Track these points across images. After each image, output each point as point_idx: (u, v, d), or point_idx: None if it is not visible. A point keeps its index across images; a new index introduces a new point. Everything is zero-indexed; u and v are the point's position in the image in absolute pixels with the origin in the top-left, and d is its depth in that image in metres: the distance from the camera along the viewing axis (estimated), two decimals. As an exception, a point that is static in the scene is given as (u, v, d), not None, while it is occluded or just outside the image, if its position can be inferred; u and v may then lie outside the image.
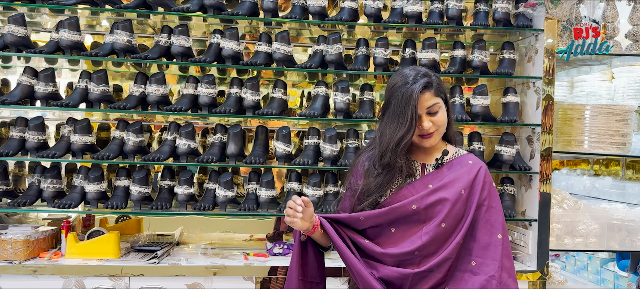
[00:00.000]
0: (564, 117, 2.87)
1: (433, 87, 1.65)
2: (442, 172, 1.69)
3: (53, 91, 2.43)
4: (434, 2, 2.58)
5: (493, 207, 1.64)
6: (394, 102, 1.65)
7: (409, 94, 1.61)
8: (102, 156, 2.37)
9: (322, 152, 2.48)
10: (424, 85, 1.62)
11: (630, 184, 3.86)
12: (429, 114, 1.65)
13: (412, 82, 1.63)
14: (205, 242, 2.80)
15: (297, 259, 1.75)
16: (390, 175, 1.68)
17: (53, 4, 2.43)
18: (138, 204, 2.43)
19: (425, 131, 1.65)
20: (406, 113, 1.61)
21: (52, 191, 2.42)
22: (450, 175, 1.67)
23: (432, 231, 1.60)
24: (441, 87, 1.68)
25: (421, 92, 1.62)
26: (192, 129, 2.45)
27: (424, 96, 1.63)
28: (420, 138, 1.67)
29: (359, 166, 1.77)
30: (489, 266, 1.58)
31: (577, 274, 4.79)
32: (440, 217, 1.60)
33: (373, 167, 1.71)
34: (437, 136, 1.68)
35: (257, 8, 2.52)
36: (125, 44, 2.40)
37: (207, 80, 2.44)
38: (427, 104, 1.64)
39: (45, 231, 2.51)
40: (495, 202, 1.65)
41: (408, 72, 1.67)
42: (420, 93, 1.61)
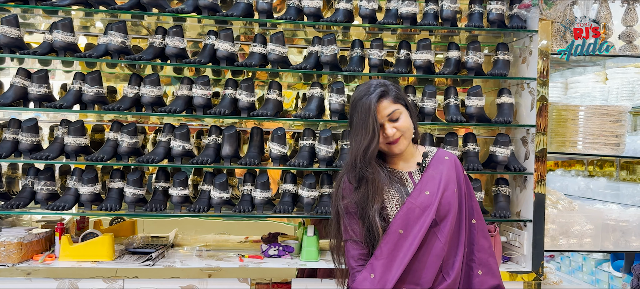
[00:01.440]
0: (558, 118, 2.88)
1: (390, 95, 1.73)
2: (429, 174, 1.75)
3: (46, 92, 2.41)
4: (429, 4, 2.58)
5: (471, 195, 1.78)
6: (356, 116, 1.72)
7: (368, 105, 1.69)
8: (96, 158, 2.36)
9: (318, 153, 2.48)
10: (380, 94, 1.71)
11: (624, 184, 3.88)
12: (390, 121, 1.72)
13: (369, 93, 1.71)
14: (200, 244, 2.79)
15: None
16: (371, 184, 1.71)
17: (47, 5, 2.42)
18: (132, 206, 2.42)
19: (390, 137, 1.71)
20: (368, 123, 1.68)
21: (45, 193, 2.41)
22: (437, 175, 1.74)
23: (447, 233, 1.67)
24: (400, 94, 1.76)
25: (378, 101, 1.70)
26: (187, 130, 2.44)
27: (382, 104, 1.71)
28: (388, 146, 1.74)
29: (345, 188, 1.78)
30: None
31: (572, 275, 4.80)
32: (450, 218, 1.68)
33: (349, 183, 1.77)
34: (405, 141, 1.73)
35: (252, 9, 2.52)
36: (119, 45, 2.39)
37: (202, 81, 2.43)
38: (386, 111, 1.71)
39: (38, 233, 2.49)
40: (470, 188, 1.79)
41: (365, 86, 1.76)
42: (377, 102, 1.69)
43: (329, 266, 2.40)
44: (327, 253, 2.65)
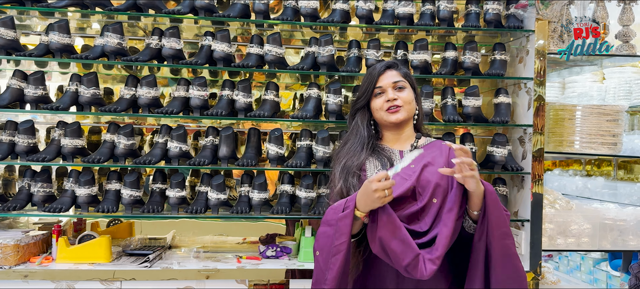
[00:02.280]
0: (555, 118, 2.88)
1: (398, 69, 1.85)
2: (423, 155, 1.77)
3: (43, 94, 2.41)
4: (426, 4, 2.58)
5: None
6: (362, 83, 1.88)
7: (372, 71, 1.85)
8: (93, 160, 2.35)
9: (315, 154, 2.48)
10: (387, 65, 1.85)
11: (622, 184, 3.88)
12: (394, 89, 1.80)
13: (378, 64, 1.86)
14: (197, 245, 2.78)
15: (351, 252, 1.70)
16: (359, 142, 1.81)
17: (43, 7, 2.41)
18: (129, 208, 2.41)
19: (390, 102, 1.77)
20: (365, 83, 1.85)
21: (42, 195, 2.40)
22: (427, 155, 1.77)
23: (426, 206, 1.69)
24: (409, 75, 1.87)
25: (384, 70, 1.82)
26: (184, 131, 2.43)
27: (388, 73, 1.83)
28: (387, 114, 1.79)
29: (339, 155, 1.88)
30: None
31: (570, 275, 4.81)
32: (428, 192, 1.70)
33: (342, 145, 1.88)
34: (404, 113, 1.79)
35: (248, 10, 2.51)
36: (116, 46, 2.39)
37: (199, 82, 2.43)
38: (391, 79, 1.81)
39: (35, 235, 2.49)
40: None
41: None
42: (382, 71, 1.82)
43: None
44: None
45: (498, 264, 1.63)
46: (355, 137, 1.84)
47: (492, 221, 1.63)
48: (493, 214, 1.62)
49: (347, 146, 1.84)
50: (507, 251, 1.64)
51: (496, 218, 1.63)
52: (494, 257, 1.63)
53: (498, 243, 1.63)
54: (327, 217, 1.68)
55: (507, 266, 1.64)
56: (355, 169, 1.75)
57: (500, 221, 1.63)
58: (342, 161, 1.80)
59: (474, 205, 1.65)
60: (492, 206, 1.63)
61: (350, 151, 1.81)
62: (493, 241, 1.63)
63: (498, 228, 1.63)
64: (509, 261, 1.64)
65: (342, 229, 1.61)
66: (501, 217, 1.64)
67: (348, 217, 1.61)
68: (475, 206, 1.65)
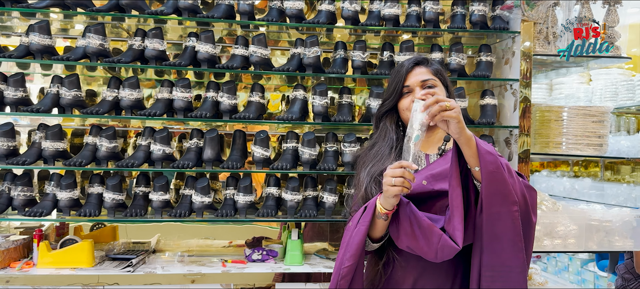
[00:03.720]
0: (541, 119, 2.89)
1: (428, 64, 1.70)
2: (447, 159, 1.60)
3: (23, 96, 2.36)
4: (411, 5, 2.57)
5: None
6: (389, 82, 1.72)
7: (400, 68, 1.69)
8: (75, 163, 2.31)
9: (301, 156, 2.45)
10: (416, 61, 1.69)
11: (609, 185, 3.90)
12: (424, 88, 1.65)
13: (407, 60, 1.71)
14: (183, 249, 2.75)
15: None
16: (387, 145, 1.69)
17: (23, 7, 2.37)
18: (112, 212, 2.38)
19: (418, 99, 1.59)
20: (393, 82, 1.69)
21: (22, 199, 2.36)
22: (449, 150, 1.61)
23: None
24: (441, 71, 1.71)
25: (413, 67, 1.68)
26: (167, 134, 2.40)
27: (417, 70, 1.68)
28: None
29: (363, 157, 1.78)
30: None
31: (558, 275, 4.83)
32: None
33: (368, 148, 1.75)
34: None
35: (233, 11, 2.49)
36: (98, 47, 2.35)
37: (182, 84, 2.40)
38: (420, 77, 1.67)
39: (16, 240, 2.44)
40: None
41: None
42: (411, 67, 1.67)
43: (313, 270, 2.38)
44: (311, 256, 2.62)
45: (485, 253, 1.47)
46: (383, 141, 1.72)
47: (485, 196, 1.43)
48: (487, 189, 1.42)
49: (374, 150, 1.72)
50: (495, 236, 1.44)
51: (490, 194, 1.42)
52: (484, 240, 1.46)
53: (489, 226, 1.45)
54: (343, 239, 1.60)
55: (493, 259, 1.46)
56: (378, 175, 1.63)
57: (495, 198, 1.42)
58: (368, 165, 1.68)
59: (470, 160, 1.45)
60: (486, 180, 1.41)
61: (377, 154, 1.69)
62: (485, 219, 1.45)
63: (491, 205, 1.42)
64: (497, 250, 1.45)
65: (364, 219, 1.53)
66: (499, 194, 1.42)
67: (369, 210, 1.52)
68: (473, 161, 1.44)
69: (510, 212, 1.44)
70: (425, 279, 1.59)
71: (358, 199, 1.65)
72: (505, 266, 1.46)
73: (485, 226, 1.46)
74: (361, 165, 1.72)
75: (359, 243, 1.52)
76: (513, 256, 1.46)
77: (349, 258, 1.52)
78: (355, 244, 1.52)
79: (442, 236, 1.44)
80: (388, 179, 1.43)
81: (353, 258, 1.52)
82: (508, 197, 1.44)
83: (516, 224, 1.45)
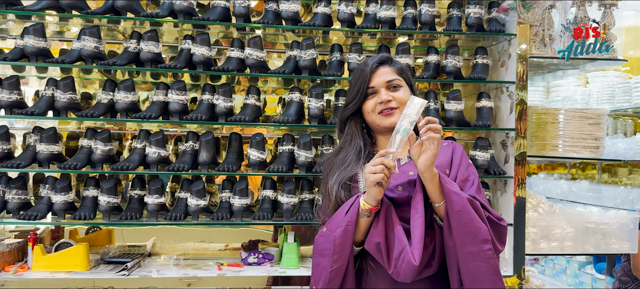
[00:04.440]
0: (538, 122, 2.89)
1: (392, 64, 1.65)
2: None
3: (18, 98, 2.35)
4: (407, 8, 2.57)
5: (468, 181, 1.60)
6: (352, 80, 1.67)
7: (363, 68, 1.64)
8: (69, 166, 2.30)
9: (297, 159, 2.45)
10: (380, 60, 1.64)
11: (606, 187, 3.91)
12: (389, 88, 1.61)
13: (370, 59, 1.66)
14: (178, 252, 2.74)
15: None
16: (353, 151, 1.64)
17: (18, 10, 2.36)
18: (107, 215, 2.36)
19: (384, 104, 1.58)
20: (357, 84, 1.63)
21: (17, 202, 2.34)
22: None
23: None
24: (404, 70, 1.67)
25: (377, 66, 1.63)
26: (162, 137, 2.39)
27: (381, 69, 1.63)
28: (381, 117, 1.60)
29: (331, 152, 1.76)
30: None
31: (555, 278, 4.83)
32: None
33: (334, 154, 1.70)
34: (400, 115, 1.55)
35: (229, 13, 2.49)
36: (93, 50, 2.34)
37: (178, 86, 2.39)
38: (385, 77, 1.62)
39: (10, 243, 2.43)
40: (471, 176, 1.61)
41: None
42: (375, 67, 1.62)
43: (309, 274, 2.37)
44: (307, 259, 2.61)
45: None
46: (349, 146, 1.66)
47: (456, 236, 1.43)
48: (457, 230, 1.42)
49: (340, 156, 1.66)
50: (473, 277, 1.42)
51: (460, 233, 1.42)
52: (463, 277, 1.45)
53: (465, 265, 1.43)
54: (318, 246, 1.54)
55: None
56: (348, 181, 1.60)
57: (466, 237, 1.42)
58: (335, 173, 1.63)
59: (433, 196, 1.46)
60: (455, 219, 1.42)
61: (344, 161, 1.64)
62: (459, 257, 1.44)
63: (463, 245, 1.42)
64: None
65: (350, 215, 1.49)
66: (469, 233, 1.42)
67: (354, 208, 1.49)
68: (436, 197, 1.46)
69: (482, 251, 1.42)
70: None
71: (329, 209, 1.59)
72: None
73: (462, 266, 1.44)
74: (328, 173, 1.67)
75: (346, 242, 1.47)
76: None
77: (337, 260, 1.48)
78: (342, 242, 1.47)
79: (406, 247, 1.43)
80: (368, 167, 1.42)
81: (341, 259, 1.48)
82: (477, 235, 1.42)
83: (492, 263, 1.43)
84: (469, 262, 1.42)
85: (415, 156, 1.43)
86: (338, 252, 1.48)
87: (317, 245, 1.56)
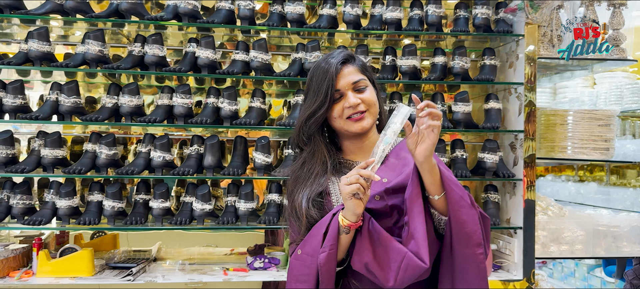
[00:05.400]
0: (546, 123, 2.85)
1: (356, 62, 1.51)
2: (390, 162, 1.49)
3: (22, 103, 2.34)
4: (414, 9, 2.55)
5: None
6: (312, 83, 1.48)
7: (326, 69, 1.46)
8: (74, 170, 2.29)
9: (295, 164, 2.42)
10: (344, 58, 1.48)
11: (615, 189, 3.86)
12: (355, 91, 1.47)
13: (331, 57, 1.49)
14: (184, 257, 2.72)
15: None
16: (319, 162, 1.49)
17: (22, 14, 2.35)
18: (112, 219, 2.34)
19: (353, 108, 1.45)
20: (321, 87, 1.45)
21: (21, 207, 2.33)
22: (399, 162, 1.48)
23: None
24: (366, 67, 1.54)
25: (342, 65, 1.47)
26: (167, 140, 2.37)
27: (346, 69, 1.47)
28: (350, 123, 1.47)
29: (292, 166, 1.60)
30: None
31: (564, 281, 4.77)
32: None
33: (298, 168, 1.53)
34: (370, 119, 1.47)
35: (234, 16, 2.47)
36: (97, 54, 2.33)
37: (183, 90, 2.37)
38: (351, 78, 1.46)
39: (15, 249, 2.41)
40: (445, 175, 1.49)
41: (327, 54, 1.53)
42: (340, 67, 1.46)
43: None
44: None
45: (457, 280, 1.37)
46: (313, 157, 1.51)
47: (455, 233, 1.33)
48: (455, 228, 1.33)
49: (305, 169, 1.50)
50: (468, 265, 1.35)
51: (457, 234, 1.33)
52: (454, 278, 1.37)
53: (459, 252, 1.34)
54: (294, 271, 1.40)
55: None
56: (317, 197, 1.45)
57: (461, 238, 1.33)
58: (300, 189, 1.48)
59: (431, 188, 1.35)
60: (453, 216, 1.33)
61: (310, 174, 1.49)
62: (454, 248, 1.34)
63: (458, 246, 1.34)
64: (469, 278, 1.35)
65: (329, 240, 1.35)
66: (464, 235, 1.33)
67: (333, 226, 1.36)
68: (433, 189, 1.35)
69: (474, 255, 1.34)
70: None
71: (302, 229, 1.45)
72: None
73: (454, 268, 1.36)
74: (293, 189, 1.52)
75: (332, 269, 1.35)
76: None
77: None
78: (328, 270, 1.35)
79: (407, 254, 1.31)
80: (346, 188, 1.29)
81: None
82: (472, 238, 1.34)
83: (481, 268, 1.35)
84: (462, 264, 1.35)
85: (412, 146, 1.32)
86: (325, 280, 1.36)
87: (292, 270, 1.42)
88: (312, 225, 1.43)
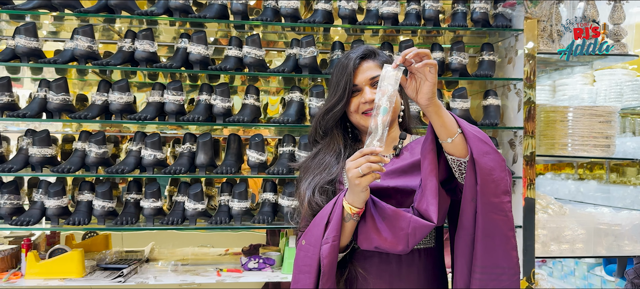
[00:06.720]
0: (546, 120, 2.80)
1: (377, 57, 1.49)
2: (404, 156, 1.47)
3: (9, 100, 2.28)
4: (411, 3, 2.49)
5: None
6: (333, 78, 1.50)
7: (346, 63, 1.47)
8: (62, 169, 2.23)
9: (298, 160, 2.37)
10: (363, 54, 1.48)
11: (615, 187, 3.82)
12: (373, 86, 1.45)
13: (352, 52, 1.50)
14: (177, 258, 2.66)
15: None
16: (332, 154, 1.49)
17: (8, 9, 2.30)
18: (102, 219, 2.29)
19: (368, 101, 1.43)
20: (340, 83, 1.45)
21: (9, 207, 2.27)
22: (414, 157, 1.45)
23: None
24: (389, 62, 1.48)
25: (360, 61, 1.47)
26: (158, 139, 2.32)
27: (365, 65, 1.47)
28: (364, 117, 1.46)
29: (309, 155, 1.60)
30: None
31: (564, 280, 4.73)
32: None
33: (311, 158, 1.54)
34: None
35: (226, 11, 2.41)
36: (86, 50, 2.27)
37: (174, 87, 2.32)
38: (369, 74, 1.46)
39: (4, 250, 2.36)
40: None
41: (352, 49, 1.53)
42: (358, 62, 1.46)
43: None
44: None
45: (475, 251, 1.29)
46: (327, 148, 1.52)
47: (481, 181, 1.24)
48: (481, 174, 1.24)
49: (317, 159, 1.52)
50: (487, 232, 1.28)
51: (485, 169, 1.24)
52: (477, 232, 1.29)
53: (481, 220, 1.26)
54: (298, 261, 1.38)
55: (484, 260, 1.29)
56: (326, 184, 1.45)
57: (488, 186, 1.25)
58: (309, 177, 1.49)
59: (441, 131, 1.28)
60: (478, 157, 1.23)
61: (320, 164, 1.50)
62: (480, 197, 1.25)
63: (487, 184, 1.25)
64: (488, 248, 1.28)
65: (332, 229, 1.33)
66: (492, 182, 1.25)
67: (336, 217, 1.33)
68: (444, 133, 1.28)
69: (502, 203, 1.27)
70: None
71: (306, 216, 1.45)
72: (498, 266, 1.30)
73: (480, 220, 1.28)
74: (302, 177, 1.52)
75: (334, 260, 1.32)
76: (505, 255, 1.30)
77: (326, 281, 1.32)
78: (330, 262, 1.32)
79: (412, 218, 1.29)
80: (353, 171, 1.25)
81: (330, 280, 1.33)
82: (499, 185, 1.26)
83: (509, 217, 1.28)
84: (487, 215, 1.27)
85: (413, 92, 1.27)
86: (327, 272, 1.33)
87: (296, 260, 1.42)
88: (315, 214, 1.41)
